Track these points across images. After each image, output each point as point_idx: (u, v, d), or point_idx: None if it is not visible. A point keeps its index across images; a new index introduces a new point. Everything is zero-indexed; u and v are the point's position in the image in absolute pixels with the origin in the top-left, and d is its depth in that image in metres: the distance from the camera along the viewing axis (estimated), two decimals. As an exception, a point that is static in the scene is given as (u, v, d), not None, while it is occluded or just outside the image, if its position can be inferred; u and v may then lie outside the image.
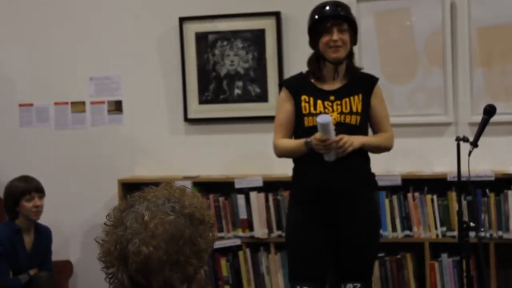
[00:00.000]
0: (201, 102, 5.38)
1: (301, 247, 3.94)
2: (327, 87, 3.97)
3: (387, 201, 4.93)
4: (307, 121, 3.91)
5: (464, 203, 4.60)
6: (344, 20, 3.90)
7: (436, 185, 4.89)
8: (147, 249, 1.84)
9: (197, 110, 5.39)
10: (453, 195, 4.82)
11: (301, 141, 3.89)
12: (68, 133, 5.63)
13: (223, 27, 5.30)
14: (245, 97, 5.30)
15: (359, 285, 3.93)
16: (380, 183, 4.88)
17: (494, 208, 4.78)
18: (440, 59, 4.99)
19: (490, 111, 3.87)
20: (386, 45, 5.09)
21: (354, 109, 3.93)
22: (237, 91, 5.31)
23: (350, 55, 3.99)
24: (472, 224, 3.79)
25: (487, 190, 4.80)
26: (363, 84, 4.00)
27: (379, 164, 5.06)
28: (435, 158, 5.00)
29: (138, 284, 1.87)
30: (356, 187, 3.94)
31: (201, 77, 5.36)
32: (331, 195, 3.89)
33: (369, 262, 4.02)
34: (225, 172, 5.30)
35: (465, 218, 3.87)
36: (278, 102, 4.10)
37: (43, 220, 4.91)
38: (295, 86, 4.01)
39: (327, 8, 3.91)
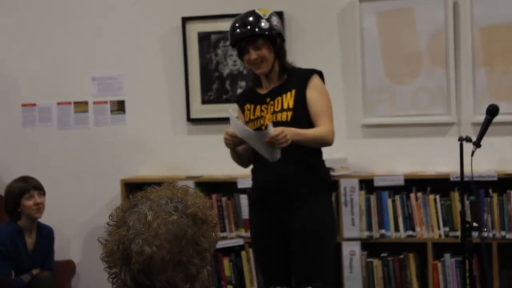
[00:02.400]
0: (204, 102, 5.38)
1: (260, 249, 4.03)
2: (263, 90, 4.03)
3: (389, 201, 4.93)
4: (249, 127, 3.90)
5: (467, 203, 4.62)
6: (256, 36, 3.89)
7: (439, 185, 4.89)
8: (150, 249, 1.83)
9: (199, 110, 5.39)
10: (456, 195, 4.81)
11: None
12: (71, 133, 5.63)
13: (226, 27, 5.25)
14: (248, 97, 5.28)
15: None
16: (382, 183, 4.91)
17: (496, 208, 4.77)
18: (443, 59, 4.99)
19: (493, 111, 3.86)
20: (389, 45, 5.08)
21: (285, 106, 3.91)
22: (239, 91, 5.30)
23: (280, 57, 3.97)
24: (474, 224, 3.77)
25: (490, 190, 4.79)
26: (298, 79, 3.97)
27: (382, 164, 5.09)
28: (438, 158, 4.99)
29: (141, 284, 1.87)
30: (296, 186, 3.90)
31: (203, 77, 5.36)
32: (273, 196, 3.92)
33: (318, 262, 3.90)
34: (228, 172, 5.28)
35: (468, 218, 3.89)
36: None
37: (45, 220, 4.92)
38: (242, 99, 4.14)
39: (236, 31, 3.92)
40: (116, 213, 1.94)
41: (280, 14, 5.18)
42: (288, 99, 3.92)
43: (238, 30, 3.91)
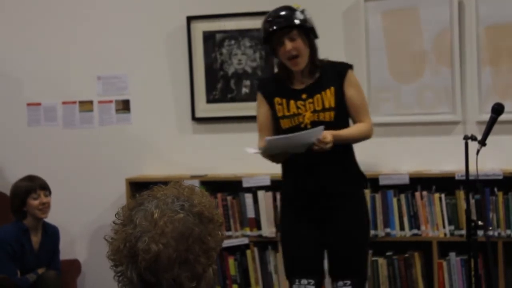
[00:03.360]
0: (209, 101, 5.38)
1: (294, 244, 4.02)
2: (298, 86, 3.98)
3: (395, 200, 4.93)
4: (283, 123, 3.95)
5: (472, 201, 4.62)
6: (291, 28, 3.86)
7: (444, 183, 4.89)
8: (156, 246, 1.83)
9: (204, 109, 5.39)
10: (461, 193, 4.81)
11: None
12: (76, 132, 5.63)
13: (231, 26, 5.31)
14: (253, 96, 5.24)
15: (349, 282, 3.94)
16: (388, 182, 4.91)
17: (502, 206, 4.77)
18: (448, 57, 4.98)
19: (498, 109, 3.86)
20: (394, 44, 5.08)
21: (327, 105, 3.92)
22: (244, 90, 5.31)
23: (312, 52, 3.94)
24: (480, 222, 3.76)
25: (495, 189, 4.79)
26: (334, 75, 3.97)
27: (387, 163, 5.09)
28: (443, 156, 4.99)
29: (147, 282, 1.87)
30: (333, 185, 3.95)
31: (208, 76, 5.36)
32: (310, 195, 3.95)
33: (357, 259, 3.99)
34: (233, 171, 5.30)
35: (473, 217, 3.87)
36: (256, 107, 4.12)
37: (51, 219, 4.92)
38: (270, 90, 4.03)
39: (270, 23, 3.89)
40: (122, 212, 1.94)
41: (285, 13, 5.19)
42: (329, 98, 3.92)
43: (272, 23, 3.88)
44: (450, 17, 4.96)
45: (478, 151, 3.72)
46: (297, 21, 3.87)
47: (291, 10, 3.90)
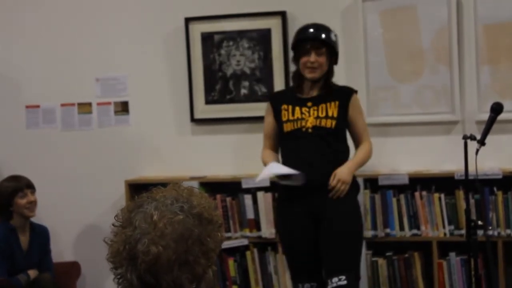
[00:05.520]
0: (208, 102, 5.37)
1: (292, 250, 4.31)
2: (306, 95, 4.36)
3: (394, 200, 4.92)
4: (286, 127, 4.31)
5: (472, 201, 4.61)
6: (323, 43, 4.25)
7: (443, 183, 4.88)
8: (156, 248, 1.83)
9: (203, 110, 5.38)
10: (460, 193, 4.80)
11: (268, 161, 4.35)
12: (74, 134, 5.62)
13: (229, 27, 5.30)
14: (252, 97, 5.29)
15: (343, 277, 4.11)
16: (387, 182, 4.91)
17: (502, 206, 4.76)
18: (447, 56, 4.97)
19: (497, 109, 3.87)
20: (392, 43, 5.07)
21: (330, 114, 4.27)
22: (243, 91, 5.30)
23: (329, 73, 4.33)
24: (480, 222, 3.78)
25: (495, 188, 4.78)
26: (340, 94, 4.34)
27: (386, 163, 5.08)
28: (442, 156, 4.98)
29: (147, 284, 1.87)
30: (328, 184, 4.21)
31: (207, 77, 5.35)
32: (306, 193, 4.19)
33: (350, 255, 4.20)
34: (232, 172, 5.29)
35: (473, 217, 3.88)
36: (264, 116, 4.51)
37: (49, 221, 4.92)
38: (278, 98, 4.44)
39: (310, 30, 4.31)
40: (122, 214, 1.94)
41: (283, 14, 5.19)
42: (333, 109, 4.28)
43: (311, 30, 4.29)
44: (448, 16, 4.95)
45: (477, 151, 3.73)
46: (329, 41, 4.28)
47: (328, 29, 4.33)
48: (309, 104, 4.30)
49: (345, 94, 4.34)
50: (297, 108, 4.30)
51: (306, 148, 4.24)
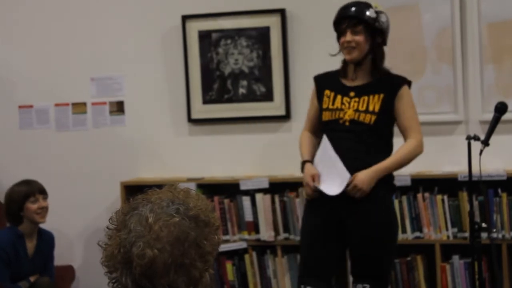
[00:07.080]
0: (205, 102, 5.33)
1: (307, 245, 4.05)
2: (350, 83, 4.04)
3: (396, 202, 4.87)
4: (324, 116, 4.03)
5: (475, 203, 4.60)
6: (358, 21, 3.93)
7: (446, 185, 4.85)
8: (151, 252, 1.83)
9: (201, 110, 5.34)
10: (464, 195, 4.78)
11: (304, 156, 4.11)
12: (69, 135, 5.59)
13: (227, 25, 5.25)
14: (250, 97, 5.25)
15: (368, 286, 3.95)
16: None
17: (506, 208, 4.73)
18: (450, 55, 4.95)
19: (501, 108, 3.84)
20: (394, 41, 4.97)
21: (371, 108, 3.96)
22: (241, 91, 5.26)
23: (376, 55, 3.99)
24: (484, 224, 3.76)
25: (499, 190, 4.75)
26: (388, 85, 4.01)
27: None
28: (445, 157, 4.95)
29: (142, 288, 1.86)
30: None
31: (204, 76, 5.31)
32: (340, 197, 3.94)
33: (379, 263, 3.99)
34: (230, 174, 5.26)
35: (477, 219, 3.87)
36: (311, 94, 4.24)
37: (44, 223, 4.85)
38: (323, 81, 4.13)
39: (344, 9, 4.01)
40: (116, 216, 1.93)
41: (282, 12, 5.17)
42: (375, 102, 3.97)
43: (344, 9, 3.99)
44: (452, 14, 4.93)
45: (481, 151, 3.70)
46: (365, 18, 3.93)
47: (365, 6, 3.97)
48: (352, 94, 3.98)
49: (394, 86, 3.99)
50: (339, 97, 4.00)
51: (340, 144, 3.96)
